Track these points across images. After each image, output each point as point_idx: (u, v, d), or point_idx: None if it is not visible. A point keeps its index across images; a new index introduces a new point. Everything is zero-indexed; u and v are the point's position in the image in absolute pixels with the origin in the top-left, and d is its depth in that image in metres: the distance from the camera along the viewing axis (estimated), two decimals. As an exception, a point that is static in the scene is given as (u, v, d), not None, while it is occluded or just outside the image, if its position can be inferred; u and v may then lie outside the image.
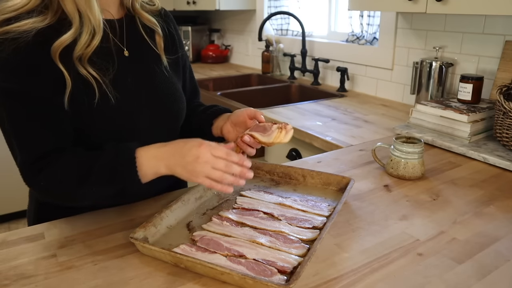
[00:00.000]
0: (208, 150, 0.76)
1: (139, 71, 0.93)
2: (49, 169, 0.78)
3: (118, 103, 0.86)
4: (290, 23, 2.70)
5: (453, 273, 0.71)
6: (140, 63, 0.94)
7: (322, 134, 1.46)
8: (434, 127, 1.37)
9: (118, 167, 0.78)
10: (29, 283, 0.68)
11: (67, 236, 0.81)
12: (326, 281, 0.68)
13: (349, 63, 2.18)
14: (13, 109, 0.78)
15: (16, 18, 0.78)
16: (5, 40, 0.76)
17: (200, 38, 3.32)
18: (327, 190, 0.98)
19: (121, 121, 0.88)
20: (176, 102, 0.99)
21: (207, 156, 0.76)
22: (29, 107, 0.79)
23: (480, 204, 0.95)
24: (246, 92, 2.26)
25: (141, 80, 0.92)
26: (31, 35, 0.77)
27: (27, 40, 0.77)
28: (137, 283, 0.68)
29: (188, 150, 0.77)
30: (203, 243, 0.77)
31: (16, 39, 0.76)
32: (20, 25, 0.77)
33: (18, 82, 0.77)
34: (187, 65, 1.09)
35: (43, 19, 0.79)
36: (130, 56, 0.92)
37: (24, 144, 0.79)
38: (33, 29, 0.77)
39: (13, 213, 2.80)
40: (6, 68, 0.77)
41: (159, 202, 0.93)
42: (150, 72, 0.95)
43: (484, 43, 1.57)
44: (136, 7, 0.94)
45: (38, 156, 0.79)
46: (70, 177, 0.78)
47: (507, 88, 1.26)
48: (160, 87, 0.95)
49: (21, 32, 0.77)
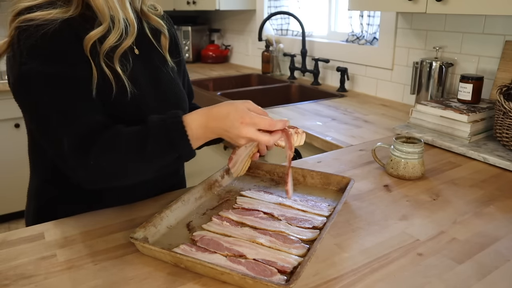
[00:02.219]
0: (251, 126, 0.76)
1: (148, 70, 0.94)
2: (98, 148, 0.77)
3: (133, 99, 0.87)
4: (290, 23, 2.70)
5: (453, 273, 0.71)
6: (149, 63, 0.95)
7: (322, 134, 1.46)
8: (434, 127, 1.37)
9: (171, 137, 0.77)
10: (29, 283, 0.68)
11: (67, 236, 0.81)
12: (326, 281, 0.68)
13: (349, 63, 2.18)
14: (53, 92, 0.77)
15: (38, 7, 0.79)
16: (30, 27, 0.76)
17: (200, 38, 3.32)
18: (327, 190, 0.98)
19: (135, 117, 0.88)
20: (182, 102, 1.01)
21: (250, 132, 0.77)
22: (68, 88, 0.78)
23: (480, 204, 0.95)
24: (246, 92, 2.26)
25: (150, 79, 0.94)
26: (58, 23, 0.78)
27: (54, 27, 0.77)
28: (137, 283, 0.68)
29: (230, 125, 0.77)
30: (203, 243, 0.77)
31: (43, 26, 0.77)
32: (44, 14, 0.77)
33: (53, 65, 0.77)
34: (186, 69, 1.12)
35: (66, 11, 0.80)
36: (140, 55, 0.93)
37: (69, 125, 0.77)
38: (57, 18, 0.78)
39: (13, 213, 2.80)
40: (38, 52, 0.77)
41: (159, 202, 0.93)
42: (158, 72, 0.97)
43: (484, 43, 1.57)
44: (144, 9, 0.97)
45: (84, 135, 0.77)
46: (125, 151, 0.77)
47: (507, 88, 1.26)
48: (168, 86, 0.98)
49: (46, 20, 0.77)
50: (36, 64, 0.76)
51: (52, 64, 0.77)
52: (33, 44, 0.76)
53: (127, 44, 0.85)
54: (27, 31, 0.77)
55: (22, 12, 0.78)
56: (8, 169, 2.71)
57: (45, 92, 0.77)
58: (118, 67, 0.84)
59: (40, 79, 0.76)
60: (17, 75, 0.78)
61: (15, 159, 2.67)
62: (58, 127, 0.77)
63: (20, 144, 2.88)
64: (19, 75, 0.77)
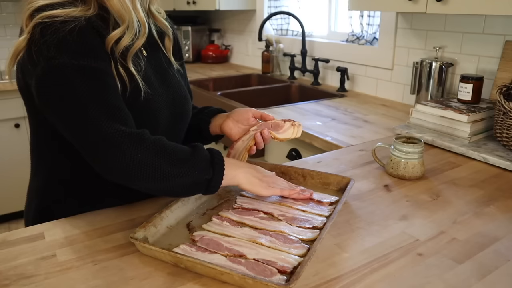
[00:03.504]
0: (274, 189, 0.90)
1: (157, 71, 0.95)
2: (151, 142, 0.77)
3: (146, 99, 0.87)
4: (290, 23, 2.70)
5: (453, 273, 0.71)
6: (157, 64, 0.96)
7: (322, 134, 1.46)
8: (434, 127, 1.37)
9: (213, 160, 0.81)
10: (29, 283, 0.68)
11: (67, 236, 0.81)
12: (326, 281, 0.68)
13: (349, 63, 2.18)
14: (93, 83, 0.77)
15: (58, 4, 0.78)
16: (55, 22, 0.76)
17: (200, 38, 3.32)
18: (327, 190, 0.98)
19: (147, 117, 0.89)
20: (187, 104, 1.02)
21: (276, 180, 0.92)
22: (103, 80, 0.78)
23: (480, 204, 0.95)
24: (246, 92, 2.26)
25: (160, 80, 0.94)
26: (82, 20, 0.78)
27: (80, 24, 0.77)
28: (137, 283, 0.68)
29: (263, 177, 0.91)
30: (203, 243, 0.77)
31: (68, 22, 0.76)
32: (68, 12, 0.77)
33: (86, 58, 0.77)
34: (185, 74, 1.13)
35: (87, 9, 0.81)
36: (148, 56, 0.94)
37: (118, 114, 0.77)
38: (81, 16, 0.78)
39: (13, 213, 2.80)
40: (68, 47, 0.76)
41: (159, 202, 0.93)
42: (166, 73, 0.97)
43: (484, 43, 1.57)
44: (152, 9, 0.97)
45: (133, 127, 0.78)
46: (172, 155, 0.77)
47: (507, 88, 1.26)
48: (175, 88, 0.98)
49: (70, 17, 0.77)
50: (67, 57, 0.75)
51: (84, 58, 0.77)
52: (61, 39, 0.75)
53: (139, 44, 0.86)
54: (52, 27, 0.75)
55: (42, 9, 0.77)
56: (8, 169, 2.71)
57: (82, 82, 0.76)
58: (132, 67, 0.85)
59: (74, 71, 0.75)
60: (46, 70, 0.75)
61: (15, 159, 2.67)
62: (101, 116, 0.75)
63: (20, 144, 2.90)
64: (48, 70, 0.75)
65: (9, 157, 2.69)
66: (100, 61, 0.79)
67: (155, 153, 0.76)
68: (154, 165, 0.76)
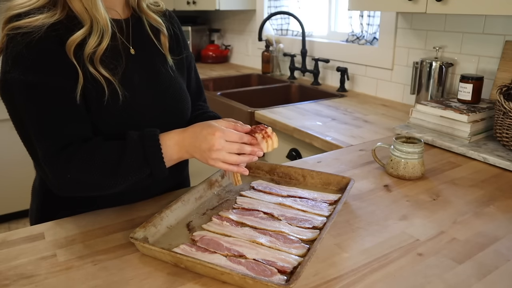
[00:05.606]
0: (221, 136, 0.79)
1: (145, 70, 0.94)
2: (77, 161, 0.78)
3: (126, 102, 0.87)
4: (290, 23, 2.70)
5: (453, 273, 0.71)
6: (146, 62, 0.95)
7: (322, 134, 1.46)
8: (434, 127, 1.37)
9: (146, 154, 0.80)
10: (29, 283, 0.68)
11: (67, 236, 0.81)
12: (326, 281, 0.68)
13: (349, 63, 2.18)
14: (34, 101, 0.78)
15: (26, 14, 0.79)
16: (17, 35, 0.78)
17: (200, 38, 3.32)
18: (327, 190, 0.98)
19: (129, 119, 0.88)
20: (181, 102, 1.00)
21: (221, 143, 0.79)
22: (49, 98, 0.79)
23: (480, 204, 0.95)
24: (246, 92, 2.26)
25: (147, 79, 0.93)
26: (43, 30, 0.78)
27: (39, 35, 0.78)
28: (137, 283, 0.68)
29: (203, 139, 0.80)
30: (203, 243, 0.77)
31: (28, 34, 0.77)
32: (31, 21, 0.78)
33: (35, 74, 0.78)
34: (192, 66, 1.10)
35: (52, 15, 0.81)
36: (136, 55, 0.93)
37: (48, 135, 0.79)
38: (44, 24, 0.79)
39: (13, 213, 2.80)
40: (22, 61, 0.78)
41: (159, 202, 0.93)
42: (156, 71, 0.96)
43: (484, 43, 1.57)
44: (143, 7, 0.96)
45: (62, 146, 0.79)
46: (101, 167, 0.79)
47: (507, 88, 1.26)
48: (166, 86, 0.97)
49: (32, 27, 0.78)
50: (19, 73, 0.77)
51: (35, 74, 0.78)
52: (18, 53, 0.77)
53: (103, 47, 0.84)
54: (14, 40, 0.78)
55: (11, 20, 0.79)
56: (8, 169, 2.70)
57: (26, 101, 0.78)
58: (103, 70, 0.84)
59: (21, 88, 0.78)
60: (1, 82, 0.80)
61: (15, 159, 2.67)
62: (36, 138, 0.79)
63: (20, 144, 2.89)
64: (3, 83, 0.80)
65: (9, 157, 2.69)
66: (52, 76, 0.79)
67: (84, 170, 0.78)
68: (87, 181, 0.79)
